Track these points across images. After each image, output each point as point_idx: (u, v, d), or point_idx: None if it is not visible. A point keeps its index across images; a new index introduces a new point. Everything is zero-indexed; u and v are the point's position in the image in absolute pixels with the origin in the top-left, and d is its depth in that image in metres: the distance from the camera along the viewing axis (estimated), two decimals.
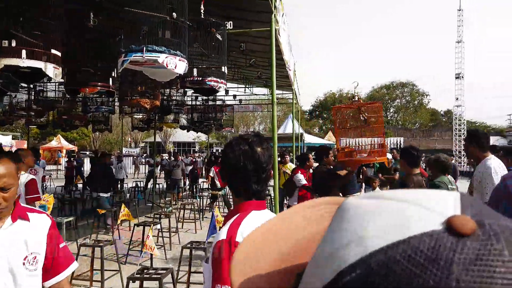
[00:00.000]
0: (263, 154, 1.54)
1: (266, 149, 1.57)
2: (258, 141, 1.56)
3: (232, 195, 1.60)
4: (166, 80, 4.06)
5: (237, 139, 1.58)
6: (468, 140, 3.69)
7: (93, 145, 46.15)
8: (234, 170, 1.52)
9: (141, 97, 6.41)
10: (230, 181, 1.56)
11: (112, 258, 6.56)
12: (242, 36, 8.70)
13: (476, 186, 3.48)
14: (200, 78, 4.78)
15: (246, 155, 1.51)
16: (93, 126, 11.87)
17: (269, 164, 1.57)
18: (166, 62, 3.45)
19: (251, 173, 1.51)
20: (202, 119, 11.48)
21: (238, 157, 1.52)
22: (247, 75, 12.97)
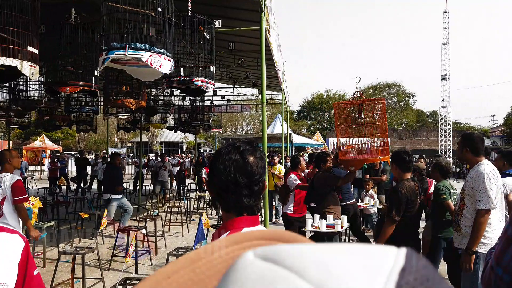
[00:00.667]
0: (256, 165, 1.37)
1: (259, 158, 1.40)
2: (250, 150, 1.39)
3: (221, 210, 1.43)
4: (151, 80, 3.87)
5: (227, 147, 1.41)
6: (462, 144, 3.53)
7: (79, 145, 45.36)
8: (224, 183, 1.35)
9: (126, 97, 6.18)
10: (219, 195, 1.39)
11: (95, 264, 6.31)
12: (231, 36, 8.53)
13: (468, 192, 3.35)
14: (188, 78, 4.59)
15: (237, 165, 1.35)
16: (77, 127, 11.52)
17: (263, 175, 1.40)
18: (151, 60, 3.26)
19: (243, 186, 1.35)
20: (189, 120, 11.24)
21: (228, 168, 1.35)
22: (236, 75, 12.80)
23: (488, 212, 3.17)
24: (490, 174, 3.22)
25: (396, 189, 3.57)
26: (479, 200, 3.20)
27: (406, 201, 3.46)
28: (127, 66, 3.58)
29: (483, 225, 3.16)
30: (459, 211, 3.43)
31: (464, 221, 3.36)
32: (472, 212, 3.29)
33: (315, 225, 4.86)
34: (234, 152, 1.38)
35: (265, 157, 1.42)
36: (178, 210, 9.38)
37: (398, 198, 3.47)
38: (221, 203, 1.40)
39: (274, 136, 28.58)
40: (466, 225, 3.34)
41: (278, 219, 10.06)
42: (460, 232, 3.39)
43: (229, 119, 53.17)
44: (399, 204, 3.45)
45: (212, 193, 1.42)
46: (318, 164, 5.76)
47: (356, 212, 6.41)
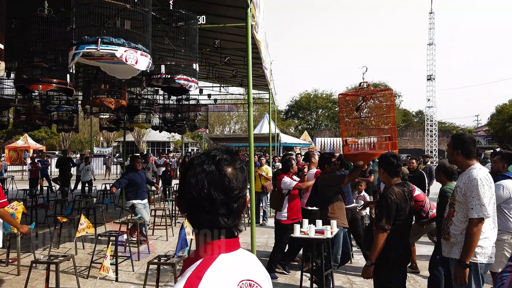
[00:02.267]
0: (235, 177, 1.14)
1: (239, 170, 1.17)
2: (229, 160, 1.16)
3: (195, 234, 1.19)
4: (128, 77, 3.61)
5: (200, 157, 1.18)
6: (452, 146, 3.28)
7: (63, 144, 44.46)
8: (196, 200, 1.12)
9: (105, 96, 5.87)
10: (190, 214, 1.16)
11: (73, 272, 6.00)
12: (216, 33, 8.28)
13: (459, 198, 3.11)
14: (169, 75, 4.33)
15: (212, 179, 1.12)
16: (57, 126, 11.11)
17: (244, 190, 1.18)
18: (126, 56, 3.00)
19: (219, 204, 1.12)
20: (175, 119, 10.94)
21: (201, 182, 1.11)
22: (222, 73, 12.54)
23: (482, 221, 2.96)
24: (483, 180, 3.00)
25: (385, 195, 3.32)
26: (471, 208, 2.98)
27: (396, 208, 3.23)
28: (101, 62, 3.31)
29: (476, 235, 2.94)
30: (448, 218, 3.20)
31: (454, 229, 3.14)
32: (462, 220, 3.07)
33: (303, 231, 4.65)
34: (208, 163, 1.14)
35: (247, 167, 1.18)
36: (163, 213, 9.10)
37: (387, 205, 3.23)
38: (193, 223, 1.17)
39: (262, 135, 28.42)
40: (455, 233, 3.12)
41: (265, 221, 9.85)
42: (449, 240, 3.17)
43: (216, 118, 52.76)
44: (388, 212, 3.21)
45: (183, 211, 1.18)
46: (322, 165, 5.42)
47: (356, 217, 6.00)
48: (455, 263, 3.07)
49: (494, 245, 3.12)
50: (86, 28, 3.03)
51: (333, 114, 58.50)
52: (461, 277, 2.94)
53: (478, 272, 3.00)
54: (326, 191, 5.12)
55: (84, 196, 11.08)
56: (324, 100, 58.25)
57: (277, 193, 5.81)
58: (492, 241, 3.09)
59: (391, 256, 3.22)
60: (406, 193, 3.36)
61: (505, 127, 27.23)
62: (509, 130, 26.58)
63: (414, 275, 5.82)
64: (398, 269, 3.35)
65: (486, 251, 3.04)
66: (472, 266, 2.99)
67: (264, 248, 7.41)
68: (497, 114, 30.84)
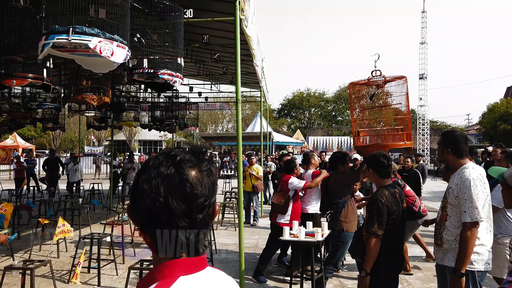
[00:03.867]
0: (200, 183, 0.93)
1: (206, 173, 0.96)
2: (192, 161, 0.95)
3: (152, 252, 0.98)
4: (105, 71, 3.38)
5: (158, 158, 0.97)
6: (442, 144, 3.04)
7: (53, 143, 43.83)
8: (150, 210, 0.91)
9: (87, 93, 5.61)
10: (144, 228, 0.95)
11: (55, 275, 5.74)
12: (205, 29, 8.05)
13: (452, 201, 2.87)
14: (152, 70, 4.10)
15: (170, 185, 0.91)
16: (42, 125, 10.78)
17: (211, 197, 0.97)
18: (100, 47, 2.77)
19: (179, 215, 0.91)
20: (164, 118, 10.67)
21: (156, 189, 0.91)
22: (213, 71, 12.31)
23: (476, 225, 2.73)
24: (476, 180, 2.77)
25: (375, 198, 3.07)
26: (464, 211, 2.75)
27: (387, 211, 2.98)
28: (76, 54, 3.08)
29: (471, 240, 2.71)
30: (441, 223, 2.97)
31: (447, 234, 2.89)
32: (456, 225, 2.84)
33: (293, 234, 4.46)
34: (166, 165, 0.93)
35: (215, 169, 0.96)
36: None
37: (378, 209, 2.98)
38: (146, 239, 0.96)
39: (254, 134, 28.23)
40: (448, 239, 2.88)
41: (256, 221, 9.64)
42: (442, 247, 2.93)
43: (209, 117, 52.41)
44: (380, 216, 2.97)
45: (136, 224, 0.97)
46: (335, 165, 5.05)
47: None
48: (449, 271, 2.85)
49: (490, 250, 2.90)
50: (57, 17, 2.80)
51: (326, 113, 58.49)
52: (457, 287, 2.73)
53: (476, 280, 2.78)
54: (339, 192, 4.79)
55: (70, 196, 10.77)
56: (317, 99, 58.22)
57: (281, 196, 5.35)
58: (488, 246, 2.87)
59: (382, 263, 2.99)
60: (398, 194, 3.12)
61: (496, 126, 27.32)
62: (500, 129, 26.67)
63: (407, 277, 5.66)
64: (389, 277, 3.09)
65: (483, 258, 2.82)
66: (469, 274, 2.77)
67: (254, 250, 7.21)
68: (489, 113, 30.96)
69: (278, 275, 5.78)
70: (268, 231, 7.73)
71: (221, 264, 6.28)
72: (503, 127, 26.43)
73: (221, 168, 24.53)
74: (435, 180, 23.28)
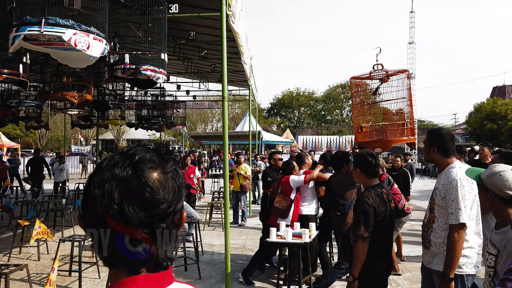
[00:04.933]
0: (162, 186, 0.81)
1: (171, 174, 0.84)
2: (154, 161, 0.83)
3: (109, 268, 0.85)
4: (82, 66, 3.23)
5: (113, 158, 0.84)
6: (428, 142, 2.91)
7: (39, 142, 43.04)
8: (102, 220, 0.78)
9: (67, 90, 5.41)
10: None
11: (34, 279, 5.54)
12: (192, 26, 7.89)
13: (439, 202, 2.74)
14: (134, 66, 3.94)
15: (127, 189, 0.78)
16: (25, 123, 10.49)
17: (177, 203, 0.84)
18: (75, 40, 2.61)
19: (137, 224, 0.78)
20: (150, 116, 10.45)
21: (110, 194, 0.78)
22: (201, 68, 12.13)
23: (463, 227, 2.62)
24: (464, 180, 2.66)
25: (361, 200, 2.95)
26: (451, 212, 2.64)
27: (373, 213, 2.87)
28: (51, 48, 2.92)
29: (459, 243, 2.60)
30: (428, 225, 2.85)
31: (434, 237, 2.78)
32: (443, 227, 2.72)
33: (280, 235, 4.34)
34: (122, 166, 0.80)
35: (182, 171, 0.82)
36: None
37: (364, 211, 2.86)
38: (100, 252, 0.83)
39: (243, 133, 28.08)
40: (436, 242, 2.75)
41: (244, 222, 9.51)
42: (430, 249, 2.82)
43: (199, 116, 52.05)
44: (366, 218, 2.85)
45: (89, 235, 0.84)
46: (339, 165, 4.88)
47: None
48: (437, 275, 2.74)
49: (480, 252, 2.78)
50: (29, 7, 2.63)
51: (315, 112, 58.63)
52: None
53: (465, 284, 2.69)
54: (344, 193, 4.65)
55: (54, 197, 10.49)
56: (306, 98, 58.33)
57: (284, 199, 5.10)
58: (477, 249, 2.77)
59: (369, 267, 2.87)
60: (385, 195, 2.99)
61: (482, 125, 27.65)
62: (486, 128, 27.00)
63: (396, 277, 5.60)
64: (377, 281, 2.97)
65: (472, 261, 2.72)
66: (458, 278, 2.67)
67: (241, 251, 7.08)
68: (475, 112, 31.32)
69: (266, 277, 5.66)
70: (256, 231, 7.64)
71: (207, 265, 6.15)
72: (489, 126, 26.74)
73: (210, 167, 24.35)
74: (422, 179, 23.46)
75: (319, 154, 10.85)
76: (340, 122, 54.18)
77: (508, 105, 27.29)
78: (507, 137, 25.06)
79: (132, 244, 0.78)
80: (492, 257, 2.13)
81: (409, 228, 8.70)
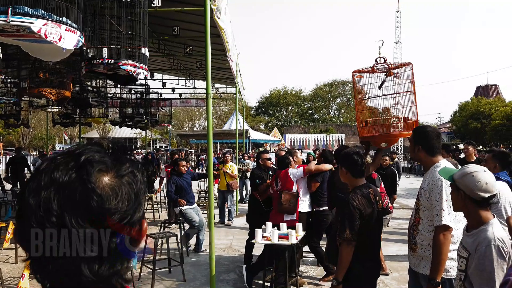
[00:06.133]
0: (114, 193, 0.67)
1: (126, 179, 0.71)
2: (106, 162, 0.69)
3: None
4: (56, 59, 3.04)
5: (55, 158, 0.69)
6: (414, 140, 2.80)
7: (23, 141, 42.11)
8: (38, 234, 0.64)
9: (43, 86, 5.17)
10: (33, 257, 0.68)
11: (9, 284, 5.32)
12: (176, 21, 7.70)
13: (424, 203, 2.64)
14: (112, 60, 3.76)
15: (68, 197, 0.64)
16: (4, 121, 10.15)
17: (133, 214, 0.70)
18: (45, 31, 2.44)
19: (83, 239, 0.64)
20: (133, 114, 10.20)
21: (46, 204, 0.64)
22: (187, 66, 11.93)
23: (448, 229, 2.52)
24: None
25: (347, 201, 2.83)
26: (436, 214, 2.53)
27: (359, 215, 2.75)
28: (22, 40, 2.73)
29: (445, 246, 2.49)
30: (414, 226, 2.74)
31: (420, 239, 2.67)
32: (429, 228, 2.62)
33: (266, 236, 4.22)
34: (64, 169, 0.66)
35: (142, 174, 0.68)
36: None
37: (349, 213, 2.74)
38: (36, 272, 0.69)
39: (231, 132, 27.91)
40: (422, 244, 2.65)
41: (231, 221, 9.37)
42: (416, 252, 2.71)
43: (186, 114, 51.59)
44: (352, 220, 2.73)
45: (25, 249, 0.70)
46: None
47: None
48: (424, 279, 2.63)
49: None
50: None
51: (303, 111, 58.74)
52: None
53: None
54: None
55: None
56: (293, 96, 58.39)
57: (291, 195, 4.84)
58: None
59: (356, 271, 2.76)
60: (372, 195, 2.87)
61: (467, 124, 28.01)
62: (471, 126, 27.36)
63: (383, 277, 5.54)
64: (365, 284, 2.86)
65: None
66: (446, 282, 2.57)
67: (227, 252, 6.94)
68: (460, 111, 31.71)
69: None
70: (243, 231, 7.50)
71: (192, 267, 5.99)
72: (473, 125, 27.11)
73: (197, 166, 24.16)
74: (408, 177, 23.66)
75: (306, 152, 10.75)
76: (327, 121, 54.41)
77: (492, 104, 27.69)
78: (490, 135, 25.43)
79: (74, 264, 0.65)
80: (463, 260, 2.06)
81: (395, 227, 8.70)
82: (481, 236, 1.96)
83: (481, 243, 1.93)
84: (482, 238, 1.94)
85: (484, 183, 1.98)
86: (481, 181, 1.98)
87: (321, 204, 5.32)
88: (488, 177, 2.01)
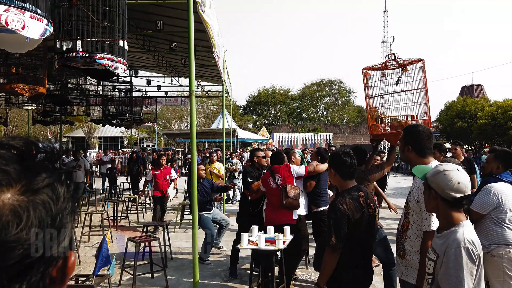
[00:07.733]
0: (18, 217, 0.46)
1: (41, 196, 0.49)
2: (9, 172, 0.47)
3: None
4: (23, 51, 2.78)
5: None
6: (404, 140, 2.66)
7: None
8: None
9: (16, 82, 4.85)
10: None
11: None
12: (159, 16, 7.43)
13: (413, 206, 2.49)
14: (87, 54, 3.51)
15: None
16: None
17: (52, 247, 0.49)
18: (6, 18, 2.18)
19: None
20: (116, 112, 9.87)
21: None
22: (173, 63, 11.64)
23: None
24: None
25: (333, 205, 2.63)
26: (425, 218, 2.39)
27: (347, 221, 2.55)
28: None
29: None
30: (403, 231, 2.58)
31: (409, 245, 2.51)
32: (418, 234, 2.48)
33: (252, 241, 4.01)
34: None
35: (68, 189, 0.44)
36: (101, 216, 8.14)
37: (336, 219, 2.54)
38: None
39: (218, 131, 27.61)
40: (411, 251, 2.50)
41: None
42: (405, 258, 2.54)
43: (173, 113, 50.98)
44: (338, 226, 2.53)
45: None
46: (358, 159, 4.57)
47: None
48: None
49: None
50: None
51: (291, 110, 58.72)
52: None
53: None
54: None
55: None
56: (282, 96, 58.32)
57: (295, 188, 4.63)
58: None
59: (346, 279, 2.58)
60: (362, 198, 2.66)
61: (453, 123, 28.23)
62: (457, 126, 27.59)
63: (374, 281, 5.39)
64: None
65: None
66: None
67: (213, 254, 6.71)
68: (446, 110, 31.95)
69: (238, 282, 5.33)
70: (229, 233, 7.27)
71: (175, 271, 5.75)
72: (459, 124, 27.32)
73: (184, 165, 23.81)
74: (395, 176, 23.74)
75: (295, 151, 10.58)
76: (315, 120, 54.47)
77: (478, 104, 27.98)
78: (476, 135, 25.68)
79: None
80: (431, 263, 1.93)
81: (384, 227, 8.58)
82: (451, 238, 1.84)
83: (451, 245, 1.81)
84: (452, 240, 1.82)
85: (456, 183, 1.85)
86: (453, 180, 1.86)
87: (319, 204, 5.14)
88: (461, 177, 1.88)
